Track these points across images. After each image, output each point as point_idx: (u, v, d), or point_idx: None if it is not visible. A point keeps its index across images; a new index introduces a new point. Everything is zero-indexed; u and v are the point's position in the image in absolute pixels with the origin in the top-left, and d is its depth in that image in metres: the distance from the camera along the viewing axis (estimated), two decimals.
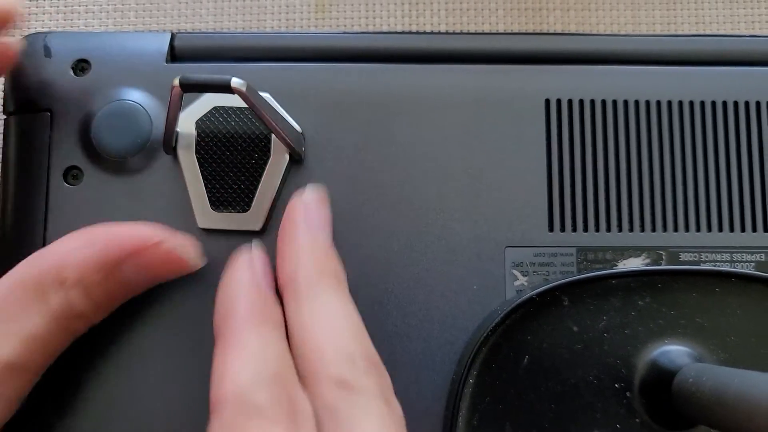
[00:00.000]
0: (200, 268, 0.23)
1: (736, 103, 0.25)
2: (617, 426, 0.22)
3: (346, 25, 0.34)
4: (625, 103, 0.25)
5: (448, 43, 0.25)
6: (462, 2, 0.34)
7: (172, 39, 0.25)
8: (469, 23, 0.34)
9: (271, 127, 0.22)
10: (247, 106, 0.22)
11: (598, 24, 0.34)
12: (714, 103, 0.25)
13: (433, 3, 0.34)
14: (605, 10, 0.34)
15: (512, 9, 0.34)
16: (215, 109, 0.24)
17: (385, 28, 0.34)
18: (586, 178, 0.24)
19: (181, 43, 0.25)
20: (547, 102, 0.25)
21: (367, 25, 0.34)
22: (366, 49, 0.25)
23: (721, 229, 0.24)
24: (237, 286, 0.21)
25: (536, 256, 0.24)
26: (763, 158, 0.25)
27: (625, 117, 0.25)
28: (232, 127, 0.24)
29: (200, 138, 0.24)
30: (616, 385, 0.22)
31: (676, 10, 0.34)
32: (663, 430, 0.22)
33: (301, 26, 0.34)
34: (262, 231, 0.24)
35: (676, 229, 0.24)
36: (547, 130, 0.25)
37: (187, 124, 0.24)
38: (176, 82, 0.21)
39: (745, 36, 0.26)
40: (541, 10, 0.34)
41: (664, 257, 0.24)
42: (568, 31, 0.34)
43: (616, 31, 0.34)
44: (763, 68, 0.25)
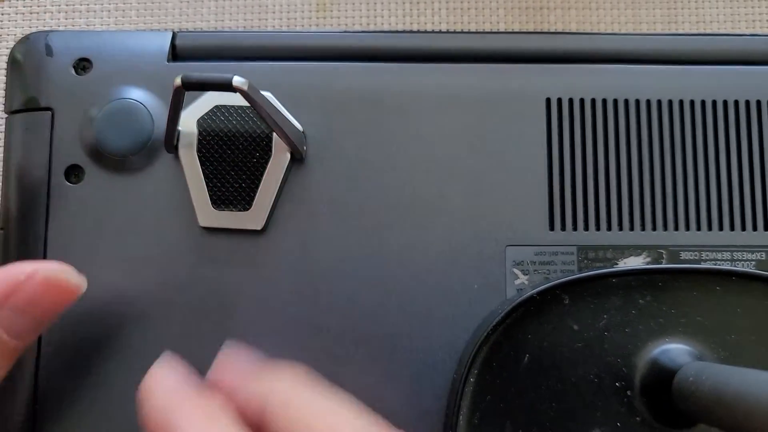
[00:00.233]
0: (201, 268, 0.23)
1: (737, 103, 0.25)
2: (617, 424, 0.22)
3: (347, 24, 0.34)
4: (626, 102, 0.25)
5: (449, 43, 0.25)
6: (463, 1, 0.34)
7: (174, 38, 0.25)
8: (470, 22, 0.34)
9: (273, 125, 0.22)
10: (248, 105, 0.22)
11: (599, 23, 0.34)
12: (714, 103, 0.25)
13: (434, 2, 0.34)
14: (606, 9, 0.34)
15: (513, 8, 0.34)
16: (217, 107, 0.24)
17: (387, 27, 0.34)
18: (586, 176, 0.24)
19: (183, 42, 0.25)
20: (548, 101, 0.25)
21: (369, 24, 0.34)
22: (367, 48, 0.25)
23: (721, 228, 0.24)
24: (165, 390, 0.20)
25: (537, 255, 0.24)
26: (763, 158, 0.25)
27: (626, 116, 0.25)
28: (234, 126, 0.24)
29: (202, 137, 0.24)
30: (617, 384, 0.22)
31: (677, 9, 0.34)
32: (663, 429, 0.22)
33: (303, 25, 0.34)
34: (263, 230, 0.24)
35: (677, 228, 0.24)
36: (547, 129, 0.25)
37: (189, 123, 0.24)
38: (178, 80, 0.21)
39: (746, 35, 0.26)
40: (542, 9, 0.34)
41: (665, 256, 0.24)
42: (569, 30, 0.34)
43: (617, 31, 0.34)
44: (764, 67, 0.25)
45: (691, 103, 0.25)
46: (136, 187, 0.24)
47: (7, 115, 0.25)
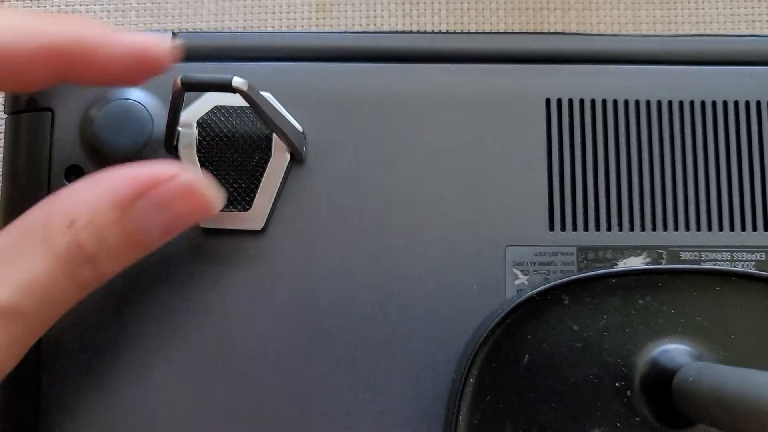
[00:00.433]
0: (200, 269, 0.23)
1: (737, 103, 0.25)
2: (617, 424, 0.22)
3: (347, 25, 0.34)
4: (626, 103, 0.25)
5: (449, 43, 0.25)
6: (463, 2, 0.34)
7: (173, 38, 0.25)
8: (470, 23, 0.34)
9: (273, 126, 0.22)
10: (248, 106, 0.22)
11: (599, 24, 0.34)
12: (714, 103, 0.25)
13: (434, 3, 0.34)
14: (606, 10, 0.34)
15: (513, 9, 0.34)
16: (216, 108, 0.24)
17: (386, 28, 0.34)
18: (586, 177, 0.24)
19: (182, 43, 0.25)
20: (548, 101, 0.25)
21: (368, 24, 0.34)
22: (367, 49, 0.25)
23: (721, 228, 0.24)
24: None
25: (537, 255, 0.24)
26: (763, 158, 0.25)
27: (626, 116, 0.25)
28: (234, 127, 0.24)
29: (201, 137, 0.24)
30: (617, 384, 0.22)
31: (677, 9, 0.34)
32: (663, 429, 0.22)
33: (302, 26, 0.34)
34: (263, 230, 0.24)
35: (677, 228, 0.24)
36: (547, 130, 0.25)
37: (189, 123, 0.24)
38: (178, 81, 0.21)
39: (746, 35, 0.26)
40: (542, 9, 0.34)
41: (665, 256, 0.24)
42: (569, 31, 0.34)
43: (617, 31, 0.34)
44: (764, 68, 0.25)
45: (691, 104, 0.25)
46: None
47: (7, 116, 0.25)
